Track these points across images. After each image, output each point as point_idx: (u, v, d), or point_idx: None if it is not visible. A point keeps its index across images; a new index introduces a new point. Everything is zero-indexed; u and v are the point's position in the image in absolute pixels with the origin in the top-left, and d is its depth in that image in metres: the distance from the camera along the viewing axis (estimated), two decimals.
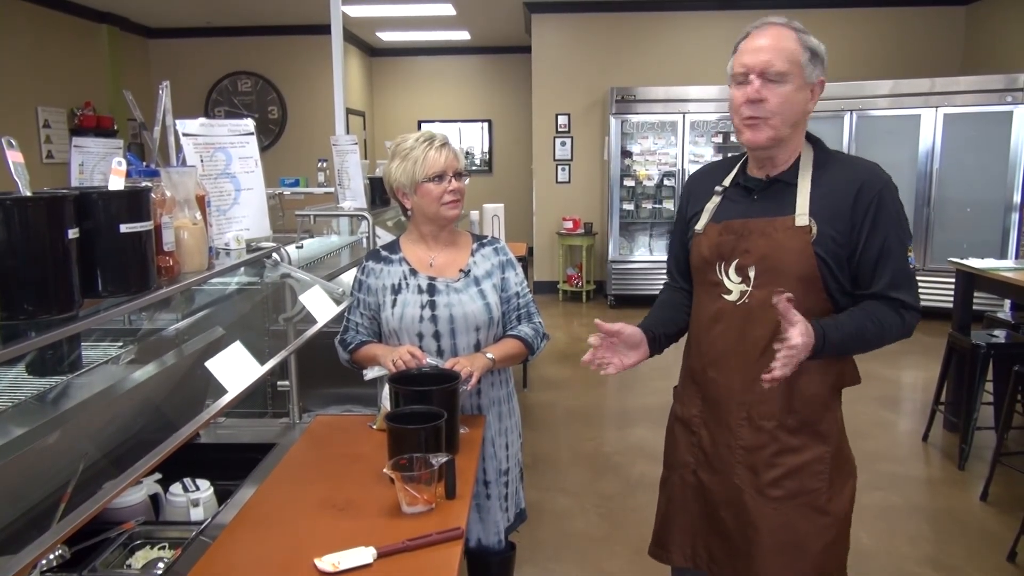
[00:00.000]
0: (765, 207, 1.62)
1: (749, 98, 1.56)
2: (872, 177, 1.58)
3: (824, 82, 1.60)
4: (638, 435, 4.49)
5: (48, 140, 7.51)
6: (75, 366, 1.63)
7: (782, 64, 1.54)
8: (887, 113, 7.05)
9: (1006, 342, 4.01)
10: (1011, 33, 7.30)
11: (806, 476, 1.62)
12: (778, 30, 1.57)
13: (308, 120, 9.76)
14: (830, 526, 1.64)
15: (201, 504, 1.86)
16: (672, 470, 1.84)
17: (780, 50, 1.54)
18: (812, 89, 1.59)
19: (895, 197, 1.59)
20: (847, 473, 1.69)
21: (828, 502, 1.63)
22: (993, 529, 3.32)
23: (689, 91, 7.67)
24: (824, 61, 1.59)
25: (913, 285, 1.60)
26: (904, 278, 1.58)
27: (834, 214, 1.57)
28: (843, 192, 1.57)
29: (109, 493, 1.13)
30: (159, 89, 1.69)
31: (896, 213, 1.58)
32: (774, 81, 1.54)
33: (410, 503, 1.61)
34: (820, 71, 1.58)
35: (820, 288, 1.58)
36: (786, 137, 1.60)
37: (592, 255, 8.42)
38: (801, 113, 1.59)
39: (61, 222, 1.11)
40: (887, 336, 1.58)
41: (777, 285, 1.54)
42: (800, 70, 1.55)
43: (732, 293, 1.64)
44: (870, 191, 1.56)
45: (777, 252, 1.58)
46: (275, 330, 2.47)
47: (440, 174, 2.01)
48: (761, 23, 1.59)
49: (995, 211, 6.84)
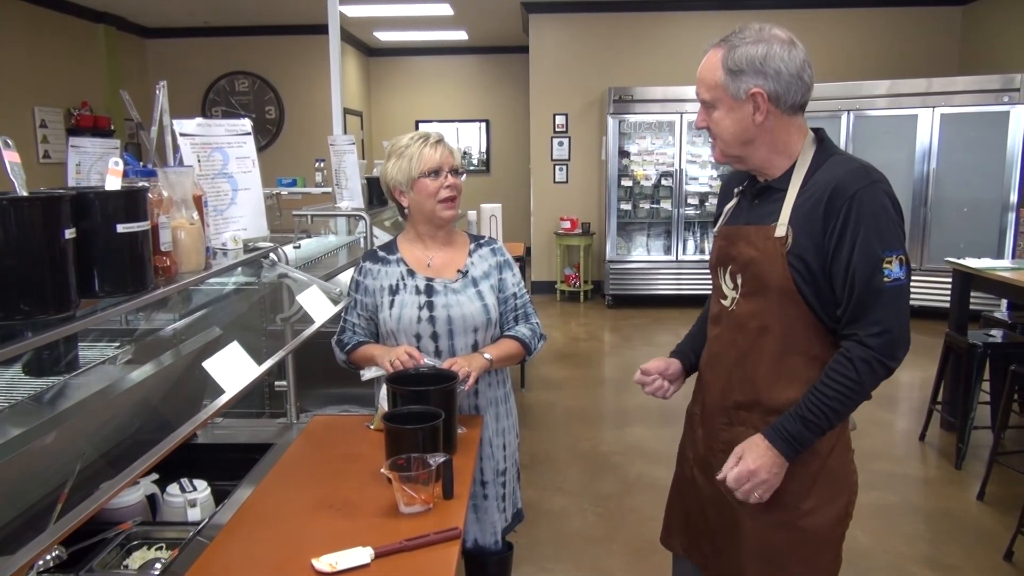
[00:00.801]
0: (758, 214, 1.61)
1: (697, 127, 1.64)
2: (851, 178, 1.47)
3: (762, 92, 1.49)
4: (636, 435, 4.50)
5: (45, 140, 7.50)
6: (72, 366, 1.62)
7: (704, 92, 1.56)
8: (884, 113, 7.06)
9: (1003, 342, 4.02)
10: (1008, 33, 7.32)
11: (779, 490, 1.55)
12: (709, 55, 1.55)
13: (305, 120, 9.76)
14: (803, 542, 1.58)
15: (198, 504, 1.86)
16: (679, 462, 1.87)
17: (702, 79, 1.57)
18: (751, 103, 1.50)
19: (876, 200, 1.45)
20: (837, 492, 1.60)
21: (801, 518, 1.58)
22: (990, 528, 3.33)
23: (687, 91, 7.66)
24: (758, 69, 1.48)
25: (878, 308, 1.44)
26: (866, 304, 1.45)
27: (809, 221, 1.49)
28: (819, 196, 1.49)
29: (106, 493, 1.12)
30: (156, 89, 1.69)
31: (873, 218, 1.45)
32: (708, 107, 1.57)
33: (407, 503, 1.61)
34: (749, 83, 1.49)
35: (800, 301, 1.52)
36: (741, 153, 1.57)
37: (590, 255, 8.42)
38: (745, 131, 1.53)
39: (58, 222, 1.10)
40: (862, 388, 1.47)
41: (759, 295, 1.56)
42: (723, 92, 1.52)
43: (727, 298, 1.65)
44: (843, 194, 1.46)
45: (759, 262, 1.55)
46: (272, 330, 2.47)
47: (436, 169, 2.01)
48: (706, 48, 1.58)
49: (992, 211, 6.86)
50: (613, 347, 6.72)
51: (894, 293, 1.46)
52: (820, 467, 1.58)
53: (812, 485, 1.58)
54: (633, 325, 7.30)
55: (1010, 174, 6.75)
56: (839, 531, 1.63)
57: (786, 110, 1.53)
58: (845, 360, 1.48)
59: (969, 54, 7.92)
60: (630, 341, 6.76)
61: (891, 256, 1.46)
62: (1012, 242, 6.67)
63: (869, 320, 1.46)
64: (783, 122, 1.54)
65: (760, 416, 1.59)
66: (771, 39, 1.51)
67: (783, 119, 1.54)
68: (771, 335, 1.56)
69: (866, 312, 1.46)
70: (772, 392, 1.58)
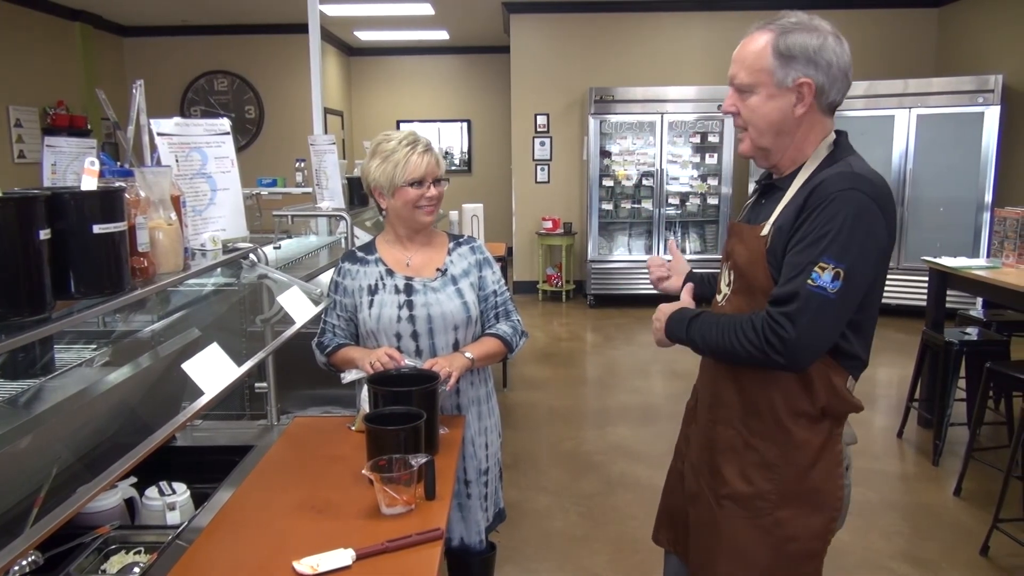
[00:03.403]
0: (759, 212, 1.60)
1: (724, 111, 1.57)
2: (835, 180, 1.42)
3: (810, 83, 1.46)
4: (618, 434, 4.51)
5: (20, 140, 7.39)
6: (48, 369, 1.60)
7: (744, 75, 1.50)
8: (862, 114, 7.13)
9: (978, 339, 4.08)
10: (982, 35, 7.43)
11: (752, 491, 1.56)
12: (753, 36, 1.50)
13: (286, 120, 9.69)
14: (774, 547, 1.56)
15: (178, 507, 1.84)
16: (675, 457, 1.87)
17: (742, 60, 1.51)
18: (795, 93, 1.47)
19: (848, 208, 1.38)
20: (818, 506, 1.55)
21: (774, 525, 1.55)
22: (966, 523, 3.37)
23: (667, 91, 7.72)
24: (811, 59, 1.45)
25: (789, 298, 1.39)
26: (786, 291, 1.40)
27: (787, 220, 1.47)
28: (801, 195, 1.46)
29: (83, 497, 1.11)
30: (133, 88, 1.67)
31: (833, 223, 1.38)
32: (744, 92, 1.52)
33: (389, 504, 1.60)
34: (799, 72, 1.45)
35: None
36: (771, 146, 1.53)
37: (571, 255, 8.44)
38: (782, 121, 1.49)
39: (32, 223, 1.09)
40: (732, 345, 1.47)
41: (746, 293, 1.56)
42: (768, 77, 1.47)
43: (721, 294, 1.67)
44: (820, 194, 1.41)
45: (746, 260, 1.55)
46: (252, 331, 2.45)
47: (420, 180, 2.01)
48: (750, 30, 1.53)
49: (967, 210, 6.95)
50: (595, 347, 6.74)
51: (812, 298, 1.38)
52: (798, 478, 1.55)
53: (789, 494, 1.55)
54: (615, 325, 7.33)
55: (985, 174, 6.85)
56: (817, 545, 1.58)
57: (824, 107, 1.50)
58: (745, 318, 1.47)
59: (945, 56, 8.03)
60: (612, 341, 6.79)
61: (827, 263, 1.38)
62: (987, 241, 6.77)
63: (777, 305, 1.42)
64: (816, 119, 1.51)
65: (740, 416, 1.59)
66: (824, 30, 1.47)
67: (818, 116, 1.51)
68: None
69: (778, 291, 1.43)
70: (752, 391, 1.57)
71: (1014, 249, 4.20)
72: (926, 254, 4.86)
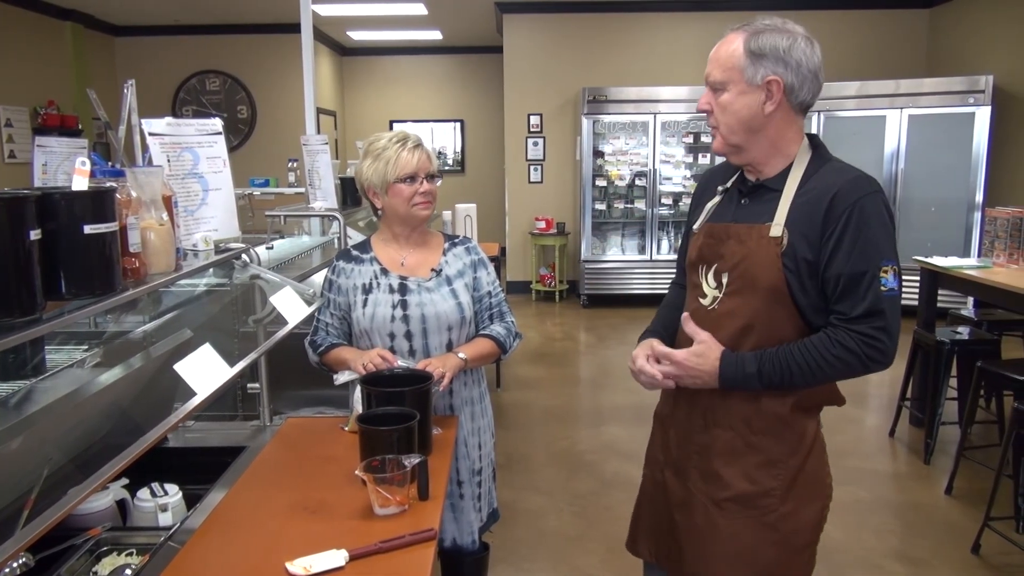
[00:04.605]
0: (749, 213, 1.60)
1: (699, 109, 1.62)
2: (852, 186, 1.49)
3: (779, 81, 1.49)
4: (611, 434, 4.52)
5: (10, 139, 7.36)
6: (39, 370, 1.60)
7: (718, 73, 1.55)
8: (854, 114, 7.16)
9: (969, 339, 4.09)
10: (973, 36, 7.46)
11: (758, 490, 1.57)
12: (728, 38, 1.55)
13: (278, 120, 9.67)
14: (779, 544, 1.58)
15: (170, 509, 1.83)
16: (647, 465, 1.84)
17: (717, 59, 1.56)
18: (764, 90, 1.50)
19: (876, 211, 1.48)
20: (813, 495, 1.61)
21: (780, 520, 1.58)
22: (958, 522, 3.39)
23: (660, 91, 7.73)
24: (780, 58, 1.49)
25: (877, 313, 1.47)
26: (868, 305, 1.47)
27: (807, 224, 1.50)
28: (818, 201, 1.50)
29: (74, 499, 1.11)
30: (124, 88, 1.66)
31: (873, 229, 1.47)
32: (717, 90, 1.56)
33: (382, 505, 1.60)
34: (768, 70, 1.49)
35: (789, 302, 1.52)
36: (743, 143, 1.56)
37: (565, 255, 8.45)
38: (752, 118, 1.53)
39: (23, 223, 1.08)
40: (830, 370, 1.50)
41: (746, 293, 1.55)
42: (739, 74, 1.51)
43: (706, 298, 1.63)
44: (844, 201, 1.47)
45: (749, 260, 1.55)
46: (245, 332, 2.44)
47: (412, 175, 2.01)
48: (726, 32, 1.58)
49: (958, 210, 6.99)
50: (588, 346, 6.75)
51: (890, 302, 1.48)
52: (799, 467, 1.58)
53: (791, 487, 1.58)
54: (608, 324, 7.34)
55: (976, 174, 6.89)
56: (816, 534, 1.63)
57: (795, 106, 1.54)
58: (829, 340, 1.50)
59: (936, 56, 8.07)
60: (605, 341, 6.79)
61: (887, 266, 1.48)
62: (978, 241, 6.81)
63: (866, 321, 1.48)
64: (789, 119, 1.55)
65: (740, 416, 1.59)
66: (795, 32, 1.53)
67: (789, 115, 1.55)
68: (753, 333, 1.56)
69: (860, 306, 1.48)
70: (753, 392, 1.57)
71: (1005, 249, 4.22)
72: (917, 254, 4.87)
